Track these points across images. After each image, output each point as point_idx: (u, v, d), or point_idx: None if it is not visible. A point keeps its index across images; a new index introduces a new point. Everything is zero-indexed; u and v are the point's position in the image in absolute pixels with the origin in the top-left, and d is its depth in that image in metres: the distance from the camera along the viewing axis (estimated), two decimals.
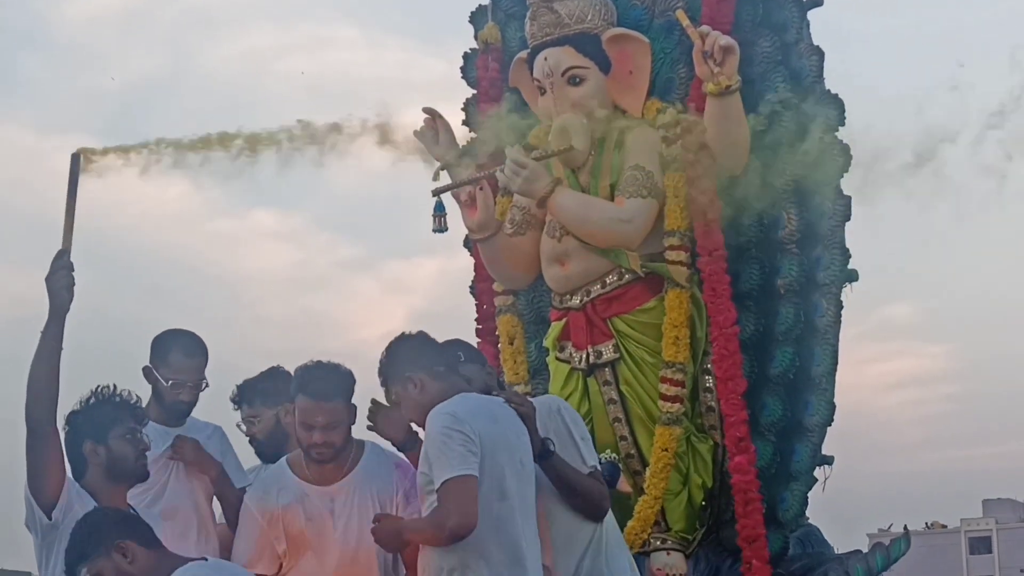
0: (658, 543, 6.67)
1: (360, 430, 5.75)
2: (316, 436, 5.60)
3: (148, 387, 6.09)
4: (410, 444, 5.65)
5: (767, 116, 6.49)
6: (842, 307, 6.84)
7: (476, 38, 7.62)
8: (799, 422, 6.81)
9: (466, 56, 7.70)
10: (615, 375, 6.78)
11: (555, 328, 7.01)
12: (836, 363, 6.84)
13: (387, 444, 5.80)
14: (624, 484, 6.63)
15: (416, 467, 5.42)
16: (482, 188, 6.94)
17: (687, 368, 6.68)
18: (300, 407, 5.62)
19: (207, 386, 6.20)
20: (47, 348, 5.09)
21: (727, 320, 6.61)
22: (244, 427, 6.43)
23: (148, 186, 5.41)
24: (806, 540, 7.03)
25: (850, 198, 6.75)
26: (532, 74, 7.08)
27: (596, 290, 6.82)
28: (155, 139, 5.57)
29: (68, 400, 5.24)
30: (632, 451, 6.76)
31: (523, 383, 7.16)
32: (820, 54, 6.90)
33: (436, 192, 6.86)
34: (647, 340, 6.74)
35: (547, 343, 7.08)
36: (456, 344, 5.69)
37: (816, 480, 6.95)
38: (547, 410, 5.49)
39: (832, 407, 6.83)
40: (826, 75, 6.88)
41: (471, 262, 7.54)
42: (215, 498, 6.13)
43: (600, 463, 5.95)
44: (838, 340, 6.85)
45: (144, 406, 5.57)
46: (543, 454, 5.28)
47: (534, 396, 6.65)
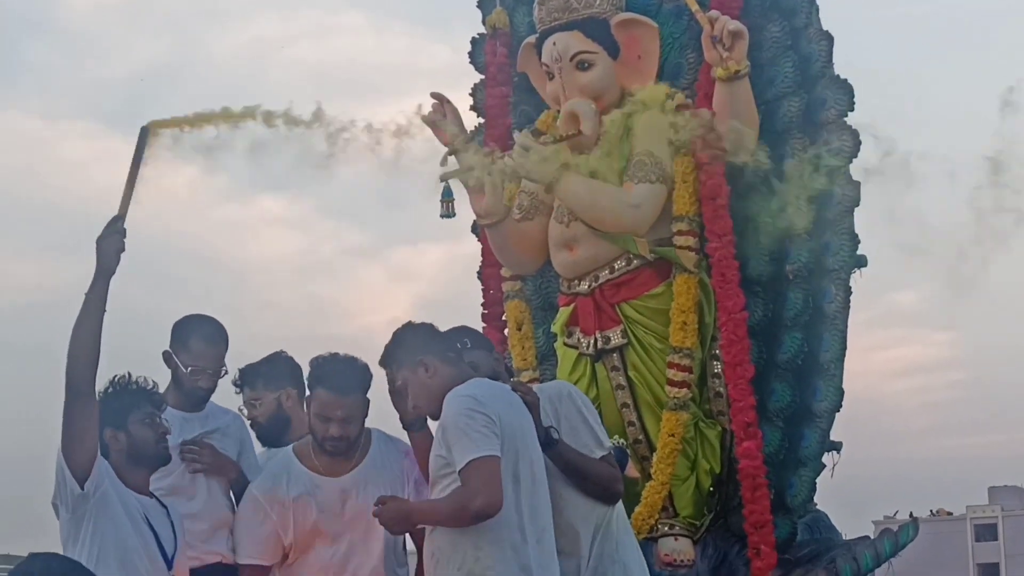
0: (666, 529, 6.67)
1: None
2: (333, 429, 5.60)
3: (167, 372, 6.09)
4: (418, 425, 5.63)
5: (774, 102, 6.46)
6: (851, 293, 6.83)
7: (484, 23, 7.61)
8: (807, 408, 6.80)
9: (474, 41, 7.69)
10: (623, 361, 6.77)
11: (563, 314, 7.00)
12: (845, 349, 6.82)
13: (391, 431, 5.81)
14: (632, 470, 6.63)
15: (415, 455, 5.43)
16: (490, 173, 6.93)
17: (695, 354, 6.67)
18: (319, 399, 5.60)
19: (226, 373, 6.20)
20: (91, 309, 5.07)
21: (735, 305, 6.60)
22: (245, 410, 6.42)
23: (154, 172, 5.38)
24: (814, 526, 7.02)
25: (859, 183, 6.74)
26: (540, 59, 7.07)
27: (604, 275, 6.82)
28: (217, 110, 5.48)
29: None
30: (640, 437, 6.76)
31: (531, 369, 7.16)
32: (829, 39, 6.89)
33: (444, 177, 6.85)
34: (655, 325, 6.73)
35: (555, 329, 7.08)
36: (462, 331, 5.68)
37: (824, 466, 6.94)
38: (557, 395, 5.48)
39: (841, 393, 6.82)
40: (835, 60, 6.87)
41: (478, 248, 7.53)
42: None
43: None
44: (847, 326, 6.83)
45: (162, 392, 5.58)
46: (547, 443, 5.28)
47: (542, 382, 6.66)
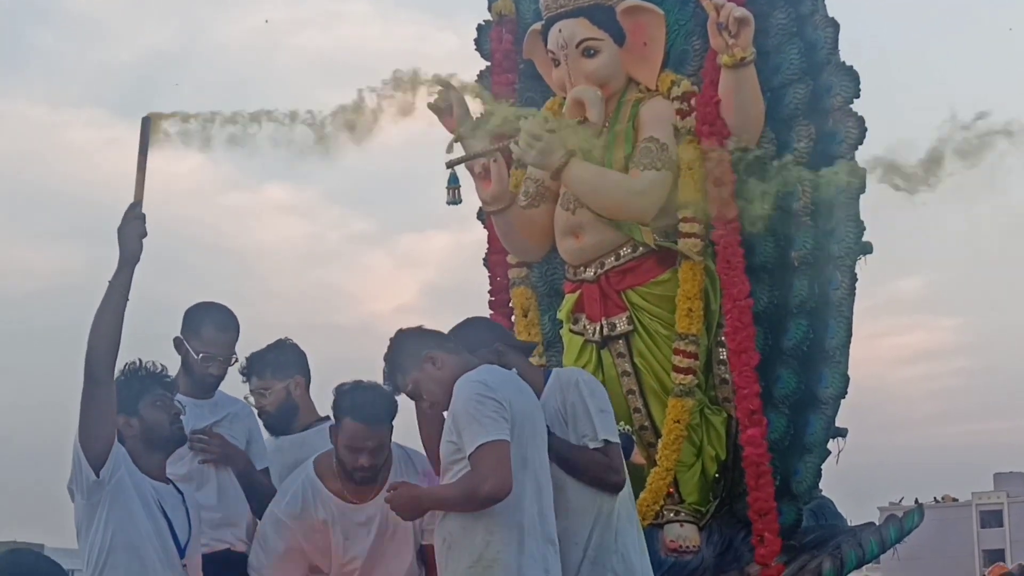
0: (671, 515, 6.69)
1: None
2: (364, 459, 5.61)
3: (176, 358, 6.10)
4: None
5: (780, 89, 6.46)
6: (856, 279, 6.83)
7: (490, 10, 7.62)
8: (813, 394, 6.81)
9: (480, 28, 7.69)
10: (629, 347, 6.79)
11: (569, 300, 7.01)
12: (850, 335, 6.82)
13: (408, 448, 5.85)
14: (638, 456, 6.64)
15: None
16: (496, 160, 6.94)
17: (700, 340, 6.68)
18: (348, 430, 5.60)
19: (236, 361, 6.22)
20: (114, 297, 5.09)
21: (741, 292, 6.61)
22: (253, 400, 6.41)
23: (160, 159, 5.41)
24: (819, 512, 7.04)
25: (864, 170, 6.73)
26: (546, 46, 7.06)
27: (610, 262, 6.82)
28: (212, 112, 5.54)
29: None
30: (646, 423, 6.77)
31: (537, 355, 7.16)
32: (835, 26, 6.88)
33: (450, 164, 6.85)
34: (661, 312, 6.74)
35: (561, 315, 7.09)
36: (469, 324, 5.74)
37: (829, 452, 6.95)
38: (567, 382, 5.51)
39: (846, 379, 6.82)
40: (841, 47, 6.86)
41: (484, 235, 7.54)
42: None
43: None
44: (852, 312, 6.83)
45: (173, 377, 5.59)
46: None
47: (547, 368, 6.66)
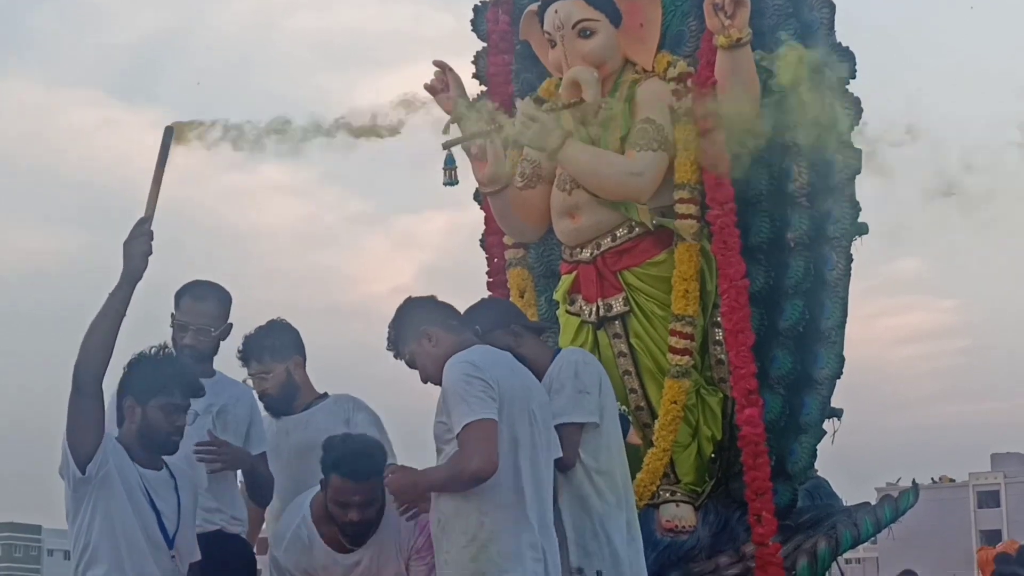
0: (667, 495, 6.71)
1: None
2: (353, 515, 5.62)
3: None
4: None
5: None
6: (852, 260, 6.84)
7: None
8: (808, 375, 6.82)
9: (476, 9, 7.68)
10: (625, 328, 6.80)
11: (565, 281, 7.02)
12: (846, 316, 6.84)
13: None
14: (634, 436, 6.66)
15: None
16: (492, 141, 6.94)
17: (696, 321, 6.69)
18: (336, 485, 5.60)
19: (219, 335, 6.17)
20: (112, 310, 5.05)
21: (737, 273, 6.62)
22: (254, 384, 6.40)
23: (156, 140, 5.38)
24: (815, 492, 7.05)
25: (860, 151, 6.74)
26: (542, 27, 7.06)
27: (606, 243, 6.83)
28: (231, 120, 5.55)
29: None
30: (642, 404, 6.78)
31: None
32: (831, 6, 6.88)
33: (446, 145, 6.84)
34: (657, 293, 6.75)
35: (557, 296, 7.10)
36: (482, 305, 5.79)
37: (825, 433, 6.97)
38: (560, 362, 5.56)
39: (841, 360, 6.84)
40: (837, 27, 6.86)
41: (481, 216, 7.55)
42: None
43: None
44: (848, 293, 6.84)
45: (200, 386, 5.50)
46: None
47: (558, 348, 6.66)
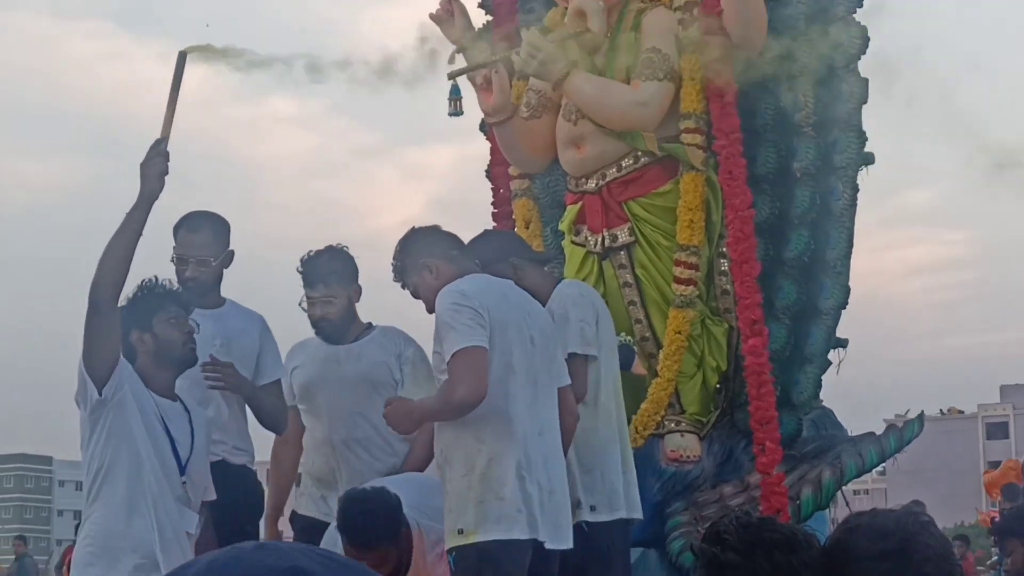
0: (672, 425, 6.72)
1: None
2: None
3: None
4: None
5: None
6: (858, 190, 6.82)
7: None
8: (814, 305, 6.82)
9: None
10: (630, 258, 6.79)
11: (570, 212, 7.01)
12: (851, 247, 6.83)
13: None
14: (639, 367, 6.67)
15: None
16: (497, 71, 6.91)
17: (702, 251, 6.69)
18: (344, 549, 5.07)
19: (220, 263, 6.16)
20: (129, 230, 5.09)
21: (743, 203, 6.60)
22: (318, 308, 6.23)
23: (164, 72, 5.40)
24: (820, 423, 7.07)
25: (867, 80, 6.70)
26: None
27: (612, 173, 6.81)
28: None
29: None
30: (647, 334, 6.78)
31: None
32: None
33: (451, 75, 6.82)
34: (662, 223, 6.74)
35: (562, 227, 7.09)
36: (484, 237, 5.80)
37: (830, 363, 6.96)
38: (554, 297, 5.59)
39: (847, 290, 6.84)
40: None
41: (487, 147, 7.52)
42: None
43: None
44: (854, 224, 6.83)
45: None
46: None
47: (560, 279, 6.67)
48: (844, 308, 6.87)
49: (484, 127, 7.44)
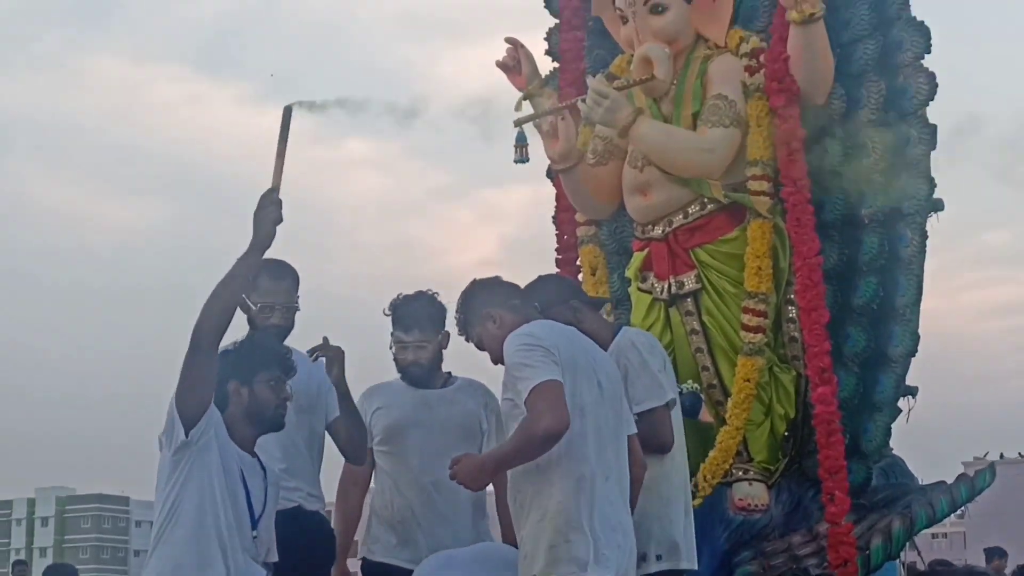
0: (740, 473, 6.68)
1: None
2: None
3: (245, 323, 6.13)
4: None
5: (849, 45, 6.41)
6: (927, 236, 6.76)
7: None
8: (883, 352, 6.76)
9: None
10: (697, 305, 6.77)
11: (637, 258, 7.00)
12: (920, 293, 6.76)
13: None
14: (706, 415, 6.64)
15: None
16: (564, 118, 6.93)
17: (769, 298, 6.65)
18: None
19: (299, 310, 6.21)
20: (239, 275, 5.10)
21: (810, 250, 6.56)
22: (410, 353, 6.25)
23: (241, 114, 5.45)
24: (890, 471, 6.99)
25: (935, 126, 6.66)
26: (614, 3, 7.03)
27: (678, 220, 6.80)
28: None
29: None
30: (714, 381, 6.75)
31: (606, 313, 7.15)
32: None
33: (518, 123, 6.84)
34: (729, 270, 6.72)
35: (629, 273, 7.08)
36: (550, 283, 5.78)
37: (900, 411, 6.90)
38: (622, 346, 5.54)
39: (916, 337, 6.76)
40: (912, 1, 6.78)
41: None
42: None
43: (682, 393, 5.98)
44: (923, 270, 6.76)
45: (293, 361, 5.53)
46: None
47: (619, 324, 6.66)
48: (913, 355, 6.79)
49: (550, 174, 7.46)
